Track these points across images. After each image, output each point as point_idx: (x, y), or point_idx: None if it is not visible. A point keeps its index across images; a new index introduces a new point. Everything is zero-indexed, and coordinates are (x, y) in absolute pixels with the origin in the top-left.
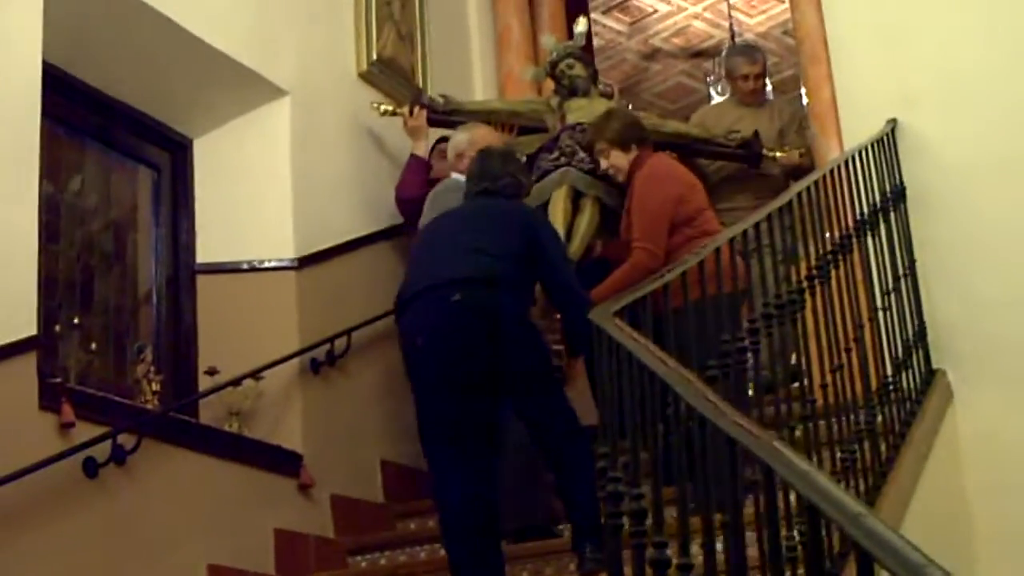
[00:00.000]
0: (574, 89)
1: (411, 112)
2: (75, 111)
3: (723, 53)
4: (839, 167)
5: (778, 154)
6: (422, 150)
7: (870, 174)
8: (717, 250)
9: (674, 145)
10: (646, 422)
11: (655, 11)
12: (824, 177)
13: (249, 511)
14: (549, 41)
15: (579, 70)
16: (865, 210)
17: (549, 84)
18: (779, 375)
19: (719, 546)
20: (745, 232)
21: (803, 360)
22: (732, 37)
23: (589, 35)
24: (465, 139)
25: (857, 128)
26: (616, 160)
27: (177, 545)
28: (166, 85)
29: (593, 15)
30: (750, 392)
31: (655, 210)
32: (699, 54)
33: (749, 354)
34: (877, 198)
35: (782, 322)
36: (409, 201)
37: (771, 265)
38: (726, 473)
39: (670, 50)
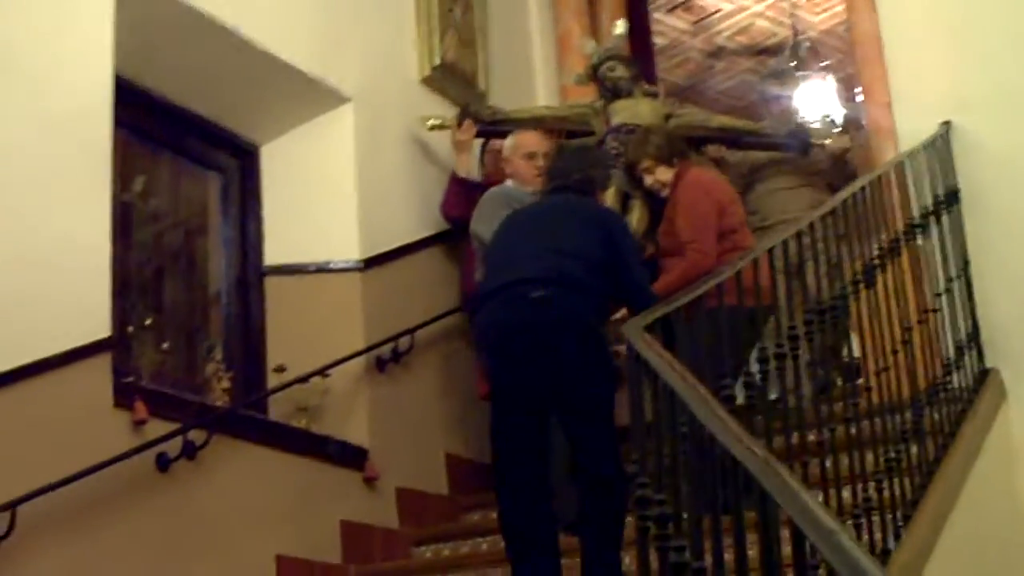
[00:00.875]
0: (617, 91)
1: (459, 125)
2: (147, 120)
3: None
4: (892, 170)
5: (827, 141)
6: (463, 167)
7: (922, 177)
8: (755, 262)
9: (723, 139)
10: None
11: (718, 10)
12: (878, 179)
13: (316, 504)
14: (588, 45)
15: (621, 71)
16: (917, 212)
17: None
18: (831, 375)
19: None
20: (786, 243)
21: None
22: (795, 35)
23: (644, 34)
24: (510, 145)
25: (912, 130)
26: (661, 176)
27: (246, 537)
28: (234, 94)
29: (656, 14)
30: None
31: (703, 213)
32: (763, 52)
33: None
34: (930, 200)
35: (825, 327)
36: (452, 219)
37: (819, 271)
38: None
39: (734, 48)
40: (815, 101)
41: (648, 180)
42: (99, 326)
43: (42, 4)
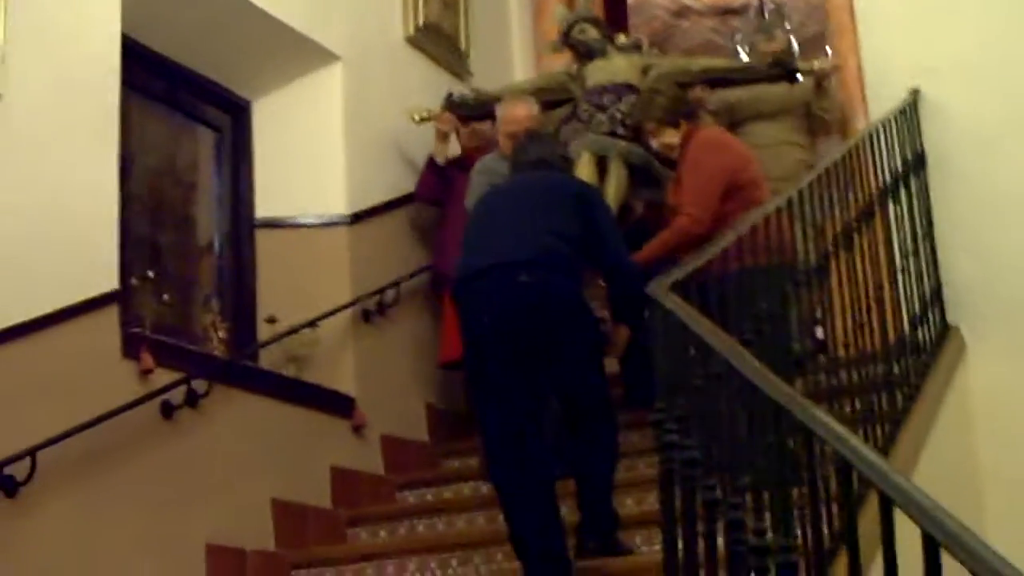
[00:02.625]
0: (591, 52)
1: (442, 115)
2: (144, 77)
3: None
4: (864, 140)
5: (815, 64)
6: (441, 155)
7: (893, 144)
8: (762, 223)
9: (708, 80)
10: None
11: None
12: (853, 149)
13: (307, 450)
14: (559, 12)
15: (591, 32)
16: (888, 178)
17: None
18: (806, 346)
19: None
20: (790, 201)
21: (827, 318)
22: None
23: None
24: (498, 117)
25: (882, 97)
26: (668, 139)
27: (244, 480)
28: (227, 51)
29: None
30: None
31: (708, 176)
32: (727, 12)
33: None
34: (899, 166)
35: (811, 288)
36: (425, 199)
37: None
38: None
39: (699, 8)
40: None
41: (654, 143)
42: (107, 279)
43: None
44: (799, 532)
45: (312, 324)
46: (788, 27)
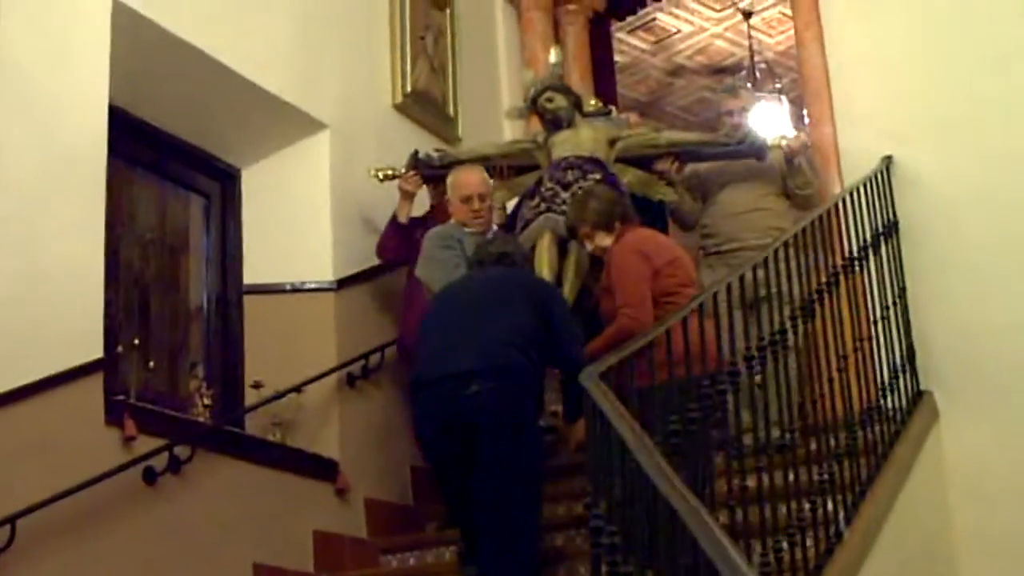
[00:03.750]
0: (557, 122)
1: (406, 173)
2: (133, 146)
3: None
4: (835, 206)
5: (783, 142)
6: (404, 214)
7: (862, 211)
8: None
9: (676, 154)
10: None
11: (678, 31)
12: (822, 216)
13: (290, 514)
14: (527, 76)
15: (559, 101)
16: (856, 246)
17: None
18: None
19: None
20: (715, 296)
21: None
22: (752, 56)
23: (607, 53)
24: (449, 183)
25: (856, 163)
26: (600, 241)
27: (226, 545)
28: (217, 121)
29: (619, 35)
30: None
31: (634, 275)
32: (721, 71)
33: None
34: (868, 234)
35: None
36: (386, 260)
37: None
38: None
39: (693, 67)
40: (769, 122)
41: (588, 246)
42: (92, 347)
43: (43, 39)
44: None
45: (298, 389)
46: (779, 85)
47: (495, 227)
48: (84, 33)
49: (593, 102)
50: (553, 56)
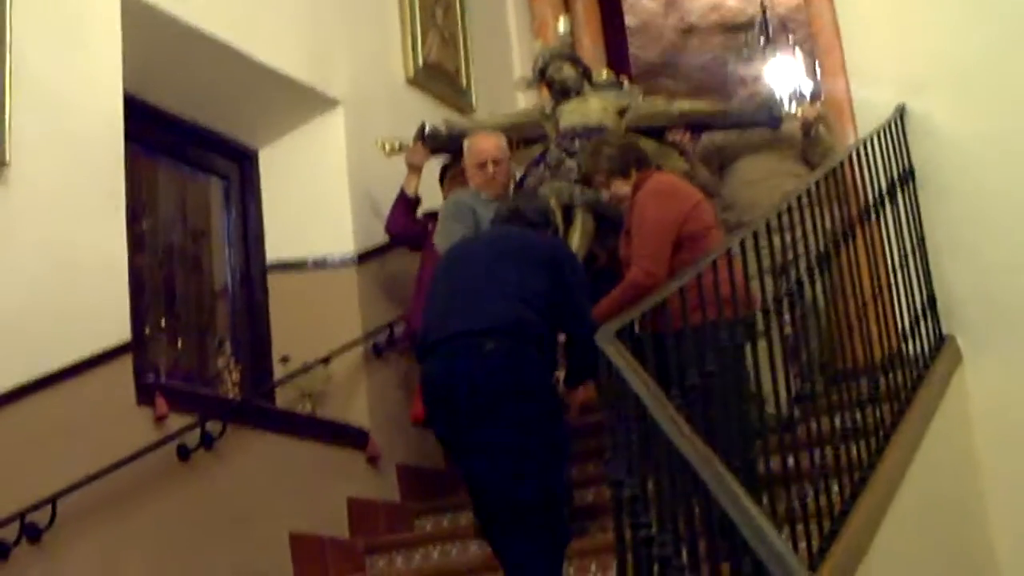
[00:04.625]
0: (566, 91)
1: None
2: (151, 132)
3: None
4: (850, 156)
5: (798, 111)
6: (412, 188)
7: (877, 161)
8: (715, 266)
9: (688, 124)
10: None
11: None
12: (836, 168)
13: (324, 483)
14: (537, 46)
15: (567, 71)
16: (872, 196)
17: None
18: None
19: None
20: (743, 243)
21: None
22: (764, 12)
23: (618, 16)
24: (465, 150)
25: (869, 114)
26: (617, 189)
27: (262, 516)
28: (232, 104)
29: None
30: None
31: (656, 227)
32: (734, 28)
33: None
34: (883, 183)
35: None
36: (394, 235)
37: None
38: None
39: (706, 26)
40: (785, 76)
41: (605, 194)
42: (120, 331)
43: (56, 33)
44: None
45: (325, 361)
46: (791, 41)
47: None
48: (95, 25)
49: (604, 73)
50: (562, 25)
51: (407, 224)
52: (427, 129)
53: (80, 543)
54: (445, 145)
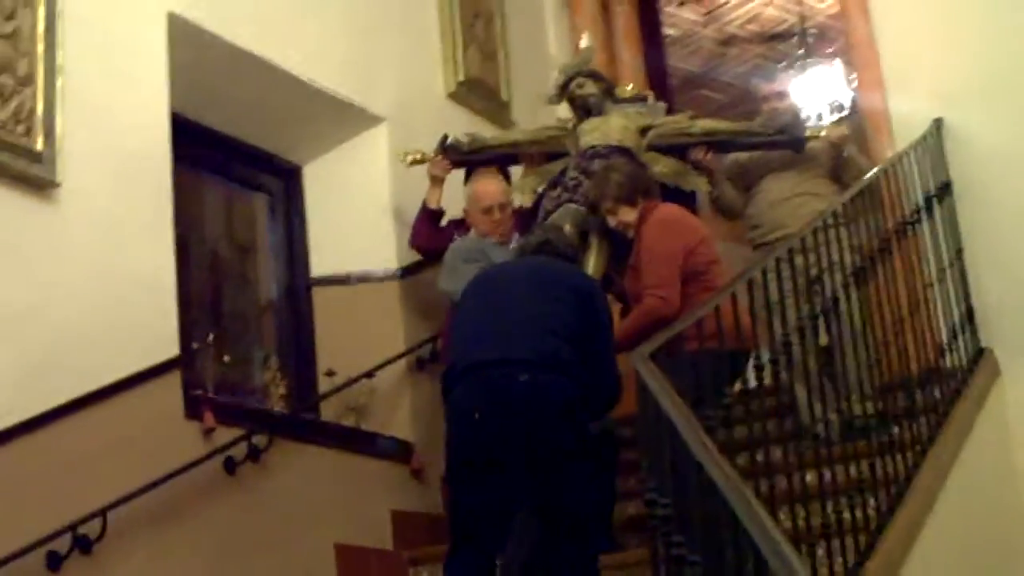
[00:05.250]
0: (587, 108)
1: (435, 158)
2: (197, 150)
3: None
4: (887, 170)
5: (823, 132)
6: (434, 199)
7: (914, 173)
8: (734, 302)
9: (709, 143)
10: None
11: (728, 1)
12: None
13: (368, 495)
14: (560, 62)
15: (590, 88)
16: (909, 208)
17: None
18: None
19: None
20: (750, 283)
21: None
22: (802, 22)
23: (656, 28)
24: (468, 194)
25: (906, 127)
26: (624, 216)
27: (307, 528)
28: (277, 121)
29: (668, 8)
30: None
31: (666, 255)
32: (773, 38)
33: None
34: (921, 195)
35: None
36: (418, 248)
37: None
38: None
39: (745, 36)
40: (823, 86)
41: (611, 221)
42: (169, 346)
43: (105, 54)
44: None
45: (369, 375)
46: (831, 50)
47: (516, 235)
48: (142, 45)
49: (630, 87)
50: (584, 41)
51: (430, 236)
52: (448, 141)
53: (130, 555)
54: (467, 157)
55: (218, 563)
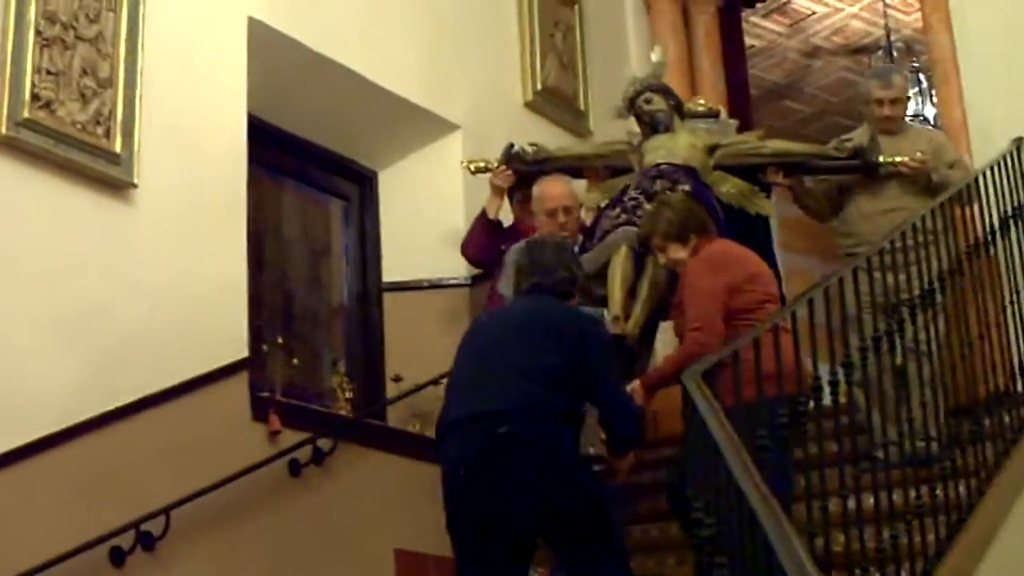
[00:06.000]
0: (655, 124)
1: (499, 167)
2: (273, 154)
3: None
4: (963, 191)
5: (898, 159)
6: (493, 210)
7: (991, 192)
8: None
9: (781, 164)
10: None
11: (813, 12)
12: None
13: (430, 502)
14: (630, 75)
15: (658, 103)
16: (986, 228)
17: None
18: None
19: None
20: (794, 313)
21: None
22: (888, 35)
23: (737, 39)
24: (535, 196)
25: (986, 145)
26: (673, 254)
27: (368, 532)
28: (353, 127)
29: (753, 19)
30: None
31: (708, 293)
32: (858, 50)
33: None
34: (997, 216)
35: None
36: (471, 258)
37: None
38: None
39: (830, 48)
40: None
41: (661, 259)
42: (238, 348)
43: (184, 58)
44: None
45: (435, 382)
46: (916, 64)
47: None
48: (221, 49)
49: (702, 102)
50: (655, 55)
51: (483, 246)
52: (513, 150)
53: (192, 553)
54: (530, 167)
55: (279, 565)
